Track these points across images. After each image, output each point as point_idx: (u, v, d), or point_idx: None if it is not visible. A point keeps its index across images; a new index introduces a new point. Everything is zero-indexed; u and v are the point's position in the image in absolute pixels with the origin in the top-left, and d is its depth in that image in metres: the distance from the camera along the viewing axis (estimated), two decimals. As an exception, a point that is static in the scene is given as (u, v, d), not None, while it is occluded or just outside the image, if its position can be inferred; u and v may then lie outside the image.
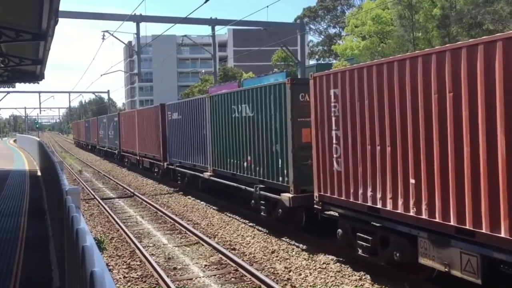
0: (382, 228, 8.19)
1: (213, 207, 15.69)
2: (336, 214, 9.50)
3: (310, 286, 8.16)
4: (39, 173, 21.08)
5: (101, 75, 65.58)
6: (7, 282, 6.63)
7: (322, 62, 53.61)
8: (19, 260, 7.72)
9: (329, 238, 10.04)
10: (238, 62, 68.73)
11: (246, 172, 12.92)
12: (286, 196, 10.65)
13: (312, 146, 9.79)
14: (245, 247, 10.75)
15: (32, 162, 29.83)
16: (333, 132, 9.08)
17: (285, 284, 8.26)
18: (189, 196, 17.92)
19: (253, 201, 12.58)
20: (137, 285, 8.50)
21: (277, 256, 9.86)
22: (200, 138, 16.39)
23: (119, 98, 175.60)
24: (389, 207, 7.69)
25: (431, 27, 28.11)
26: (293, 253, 10.01)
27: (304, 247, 10.34)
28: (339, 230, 9.18)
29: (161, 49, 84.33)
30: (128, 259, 10.08)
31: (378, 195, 7.92)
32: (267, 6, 30.71)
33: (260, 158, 12.11)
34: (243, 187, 13.04)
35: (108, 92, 69.83)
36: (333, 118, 9.05)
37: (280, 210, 11.28)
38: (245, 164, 12.91)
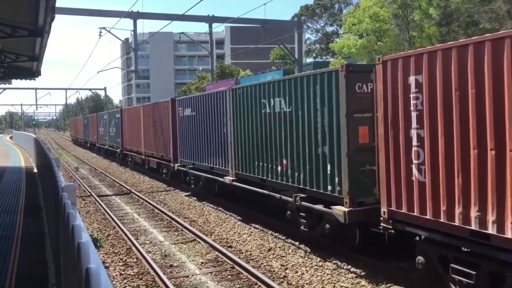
0: (492, 261, 6.28)
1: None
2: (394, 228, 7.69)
3: (307, 283, 8.17)
4: (35, 170, 21.03)
5: (98, 72, 65.47)
6: (2, 279, 6.62)
7: (319, 60, 53.62)
8: (15, 257, 7.70)
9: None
10: (235, 59, 68.69)
11: (280, 178, 10.95)
12: (339, 210, 8.68)
13: (375, 148, 8.12)
14: (241, 244, 10.76)
15: (28, 159, 29.76)
16: (413, 131, 7.15)
17: (282, 282, 8.27)
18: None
19: (288, 212, 10.68)
20: (133, 282, 8.49)
21: (273, 254, 9.87)
22: (218, 138, 14.43)
23: (116, 95, 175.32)
24: (509, 233, 5.85)
25: (427, 26, 28.14)
26: (290, 250, 10.03)
27: (301, 245, 10.35)
28: (420, 258, 7.30)
29: (158, 46, 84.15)
30: (125, 256, 10.07)
31: (490, 217, 6.04)
32: (265, 4, 30.67)
33: (299, 162, 10.15)
34: (278, 195, 11.04)
35: (105, 89, 69.75)
36: (414, 113, 7.12)
37: (327, 225, 9.33)
38: (279, 168, 10.94)
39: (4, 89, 48.47)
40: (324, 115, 9.29)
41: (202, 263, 9.47)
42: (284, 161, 10.73)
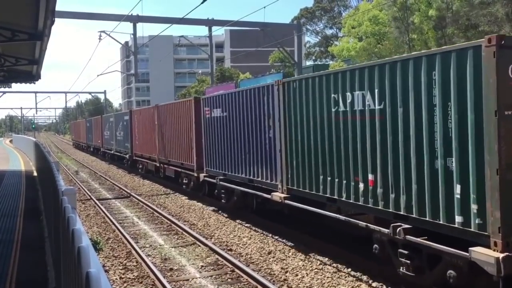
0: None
1: (210, 208, 15.66)
2: None
3: (307, 286, 8.16)
4: (35, 174, 21.02)
5: (98, 76, 65.64)
6: (2, 282, 6.61)
7: (319, 63, 53.69)
8: (15, 261, 7.69)
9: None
10: (235, 62, 68.79)
11: (361, 199, 8.24)
12: (486, 255, 5.91)
13: None
14: (241, 248, 10.75)
15: (28, 163, 29.75)
16: None
17: (282, 285, 8.26)
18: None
19: (376, 246, 8.01)
20: (133, 286, 8.48)
21: (273, 257, 9.86)
22: (261, 144, 11.81)
23: (116, 98, 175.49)
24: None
25: (427, 28, 28.18)
26: (290, 253, 10.02)
27: (301, 247, 10.34)
28: None
29: (158, 49, 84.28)
30: (124, 260, 10.06)
31: None
32: (264, 7, 30.79)
33: (398, 179, 7.45)
34: (363, 223, 8.19)
35: (104, 92, 69.79)
36: None
37: (451, 272, 6.62)
38: (360, 186, 8.23)
39: (4, 92, 48.62)
40: (448, 113, 6.55)
41: (202, 266, 9.46)
42: (370, 177, 7.99)
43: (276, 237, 11.30)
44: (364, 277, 8.35)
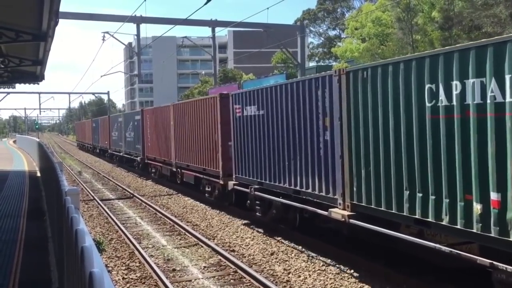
0: None
1: (213, 209, 15.64)
2: None
3: (309, 288, 8.14)
4: (38, 174, 21.07)
5: (101, 76, 65.84)
6: (5, 282, 6.63)
7: (322, 64, 53.67)
8: (18, 261, 7.71)
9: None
10: (238, 63, 68.79)
11: (479, 225, 6.18)
12: None
13: None
14: (244, 248, 10.74)
15: (31, 163, 29.83)
16: None
17: (285, 286, 8.25)
18: (280, 238, 11.34)
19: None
20: (136, 286, 8.49)
21: (276, 258, 9.86)
22: (313, 148, 9.66)
23: (119, 99, 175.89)
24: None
25: (430, 29, 28.15)
26: (293, 255, 10.01)
27: (304, 249, 10.33)
28: None
29: (161, 50, 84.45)
30: (127, 260, 10.08)
31: None
32: (267, 8, 30.71)
33: None
34: (486, 260, 6.09)
35: (108, 93, 69.88)
36: None
37: None
38: (475, 208, 6.20)
39: (8, 93, 48.71)
40: None
41: (204, 267, 9.46)
42: (493, 196, 5.97)
43: (279, 238, 11.30)
44: (367, 279, 8.34)
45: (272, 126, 11.26)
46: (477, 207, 6.20)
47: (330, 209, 8.97)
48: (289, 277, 8.67)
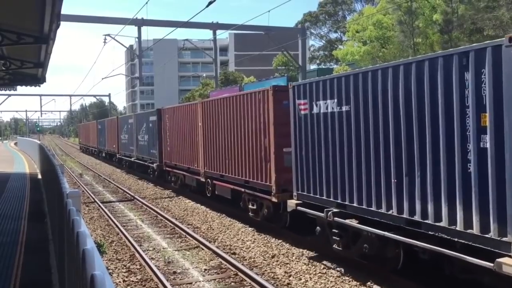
0: None
1: (214, 212, 15.63)
2: None
3: (310, 291, 8.12)
4: (39, 176, 21.09)
5: (102, 79, 65.96)
6: (6, 284, 6.62)
7: (323, 66, 53.71)
8: (19, 263, 7.71)
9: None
10: (239, 66, 68.89)
11: None
12: None
13: None
14: (245, 251, 10.73)
15: (32, 165, 29.86)
16: None
17: (285, 289, 8.24)
18: (281, 241, 11.19)
19: None
20: (136, 289, 8.48)
21: (277, 261, 9.85)
22: (449, 159, 6.70)
23: (120, 101, 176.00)
24: None
25: (431, 32, 28.20)
26: (293, 257, 10.00)
27: (304, 252, 10.31)
28: None
29: (162, 53, 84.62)
30: (128, 262, 10.07)
31: None
32: (269, 11, 30.88)
33: None
34: None
35: (109, 95, 70.13)
36: None
37: None
38: None
39: (9, 95, 48.84)
40: None
41: (205, 269, 9.45)
42: None
43: (280, 240, 11.28)
44: (368, 282, 8.32)
45: (366, 127, 8.21)
46: None
47: (498, 260, 5.84)
48: (290, 280, 8.65)
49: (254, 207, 12.88)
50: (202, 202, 17.00)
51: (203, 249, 10.92)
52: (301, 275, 8.88)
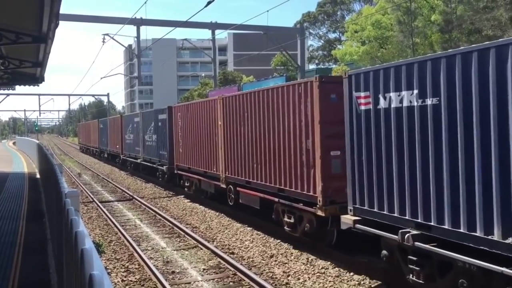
0: None
1: (213, 211, 15.63)
2: None
3: (309, 290, 8.12)
4: (38, 176, 21.07)
5: (101, 78, 65.92)
6: (4, 285, 6.62)
7: (322, 66, 53.74)
8: (17, 263, 7.70)
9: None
10: (238, 66, 68.90)
11: None
12: None
13: None
14: (243, 251, 10.74)
15: (31, 165, 29.82)
16: None
17: (284, 289, 8.24)
18: (279, 241, 11.17)
19: None
20: (135, 288, 8.48)
21: (275, 261, 9.85)
22: None
23: (119, 101, 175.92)
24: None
25: (430, 32, 28.24)
26: (292, 257, 10.00)
27: (303, 251, 10.32)
28: None
29: (161, 52, 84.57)
30: (127, 262, 10.07)
31: None
32: (267, 11, 30.89)
33: None
34: None
35: (108, 95, 70.06)
36: None
37: None
38: None
39: (8, 95, 48.80)
40: None
41: (204, 269, 9.46)
42: None
43: (278, 240, 11.29)
44: (366, 282, 8.33)
45: (467, 126, 6.31)
46: None
47: None
48: (288, 280, 8.66)
49: (291, 221, 10.83)
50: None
51: (201, 249, 10.92)
52: (299, 275, 8.89)
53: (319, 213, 9.55)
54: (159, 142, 21.86)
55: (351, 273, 8.76)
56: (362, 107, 8.30)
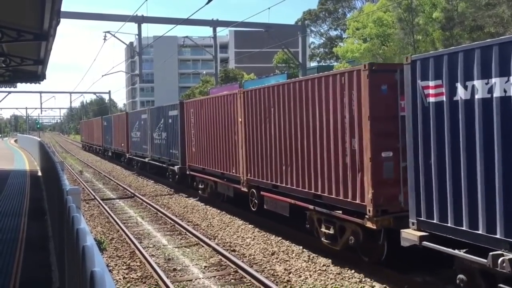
0: None
1: (214, 209, 15.65)
2: None
3: (310, 288, 8.13)
4: (39, 173, 21.10)
5: (102, 76, 65.86)
6: (6, 282, 6.63)
7: (323, 64, 53.68)
8: (19, 260, 7.72)
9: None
10: (239, 63, 68.84)
11: None
12: None
13: None
14: (245, 248, 10.75)
15: (32, 162, 29.87)
16: None
17: (285, 286, 8.25)
18: (280, 238, 11.12)
19: None
20: (136, 286, 8.49)
21: (277, 258, 9.86)
22: None
23: (120, 99, 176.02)
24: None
25: (431, 30, 28.18)
26: (293, 255, 10.01)
27: (304, 249, 10.32)
28: None
29: (162, 50, 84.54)
30: (128, 259, 10.08)
31: None
32: (269, 8, 30.75)
33: None
34: None
35: (109, 92, 70.01)
36: None
37: None
38: None
39: (9, 92, 48.77)
40: None
41: (205, 267, 9.47)
42: None
43: (280, 238, 11.29)
44: (368, 279, 8.33)
45: None
46: None
47: None
48: (289, 277, 8.66)
49: (330, 232, 9.43)
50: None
51: (203, 246, 10.94)
52: (301, 272, 8.89)
53: (369, 224, 8.13)
54: (170, 140, 20.63)
55: (353, 271, 8.76)
56: (431, 99, 6.89)
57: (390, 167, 8.13)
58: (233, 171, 13.84)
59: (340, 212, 9.03)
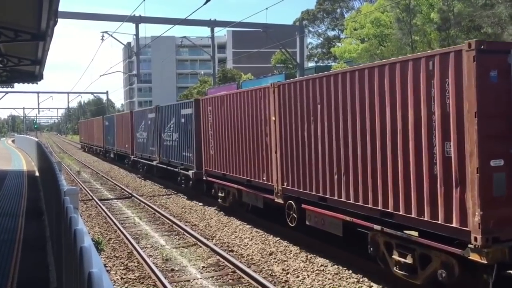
0: None
1: (212, 209, 15.64)
2: None
3: (308, 288, 8.13)
4: (37, 174, 21.06)
5: (100, 76, 65.88)
6: (4, 282, 6.62)
7: (321, 64, 53.72)
8: (16, 261, 7.71)
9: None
10: (237, 63, 68.83)
11: None
12: None
13: None
14: (243, 248, 10.74)
15: (30, 163, 29.81)
16: None
17: (283, 286, 8.26)
18: (278, 238, 10.86)
19: None
20: (134, 286, 8.48)
21: (275, 258, 9.86)
22: None
23: (118, 99, 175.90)
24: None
25: (429, 30, 28.24)
26: (291, 255, 10.01)
27: (302, 249, 10.33)
28: None
29: (160, 50, 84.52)
30: (126, 260, 10.07)
31: None
32: (267, 8, 30.84)
33: None
34: None
35: (107, 93, 69.99)
36: None
37: None
38: None
39: (7, 92, 48.73)
40: None
41: (203, 267, 9.46)
42: None
43: (278, 238, 11.29)
44: (365, 279, 8.34)
45: None
46: None
47: None
48: (287, 277, 8.67)
49: (407, 261, 7.40)
50: (204, 201, 16.81)
51: (201, 247, 10.93)
52: (298, 273, 8.90)
53: (475, 257, 6.19)
54: (182, 142, 18.57)
55: (350, 271, 8.77)
56: None
57: (501, 180, 6.25)
58: (264, 178, 11.84)
59: (417, 234, 7.17)
